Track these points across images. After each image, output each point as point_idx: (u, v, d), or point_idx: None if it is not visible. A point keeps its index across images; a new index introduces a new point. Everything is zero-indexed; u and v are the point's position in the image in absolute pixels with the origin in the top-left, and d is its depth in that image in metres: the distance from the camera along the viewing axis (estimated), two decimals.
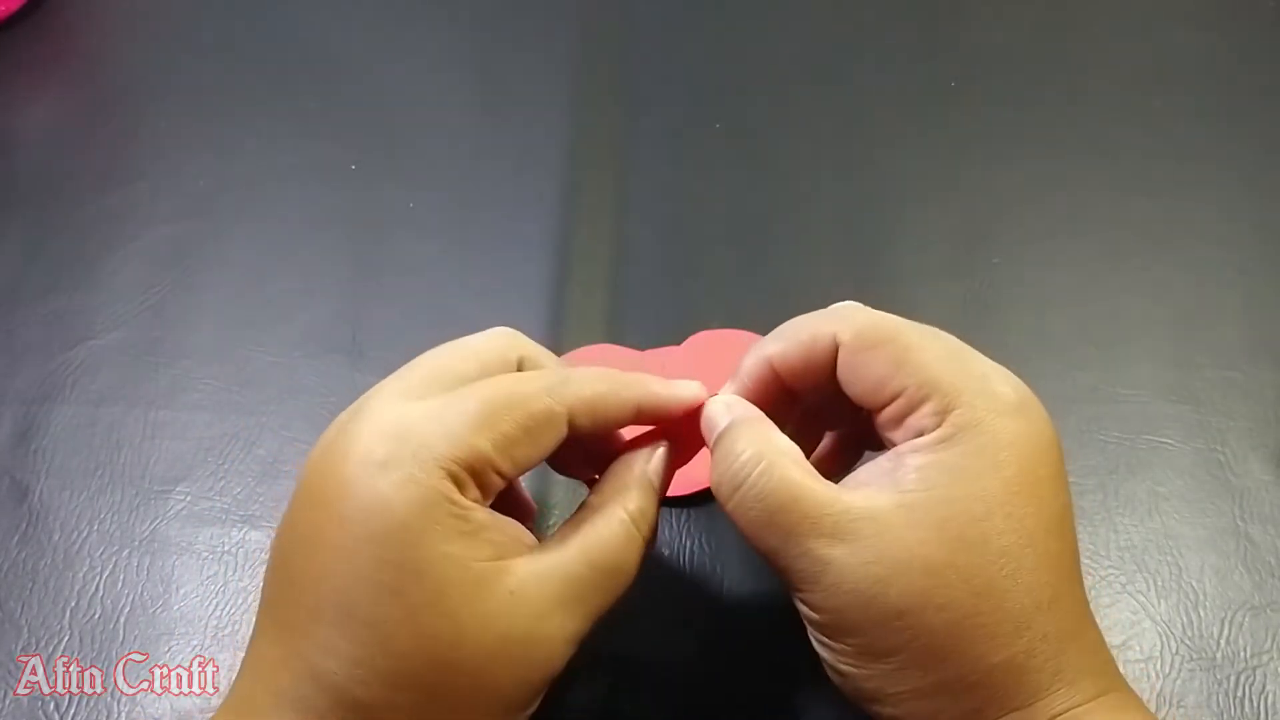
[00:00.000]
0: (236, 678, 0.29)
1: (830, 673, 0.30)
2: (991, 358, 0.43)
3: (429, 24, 0.54)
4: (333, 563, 0.27)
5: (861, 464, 0.31)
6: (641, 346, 0.42)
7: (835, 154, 0.49)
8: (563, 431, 0.29)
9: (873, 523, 0.27)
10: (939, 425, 0.28)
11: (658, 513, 0.31)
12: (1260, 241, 0.46)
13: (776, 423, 0.31)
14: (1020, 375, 0.42)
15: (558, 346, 0.42)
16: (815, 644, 0.30)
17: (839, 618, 0.28)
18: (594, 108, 0.50)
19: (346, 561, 0.27)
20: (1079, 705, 0.27)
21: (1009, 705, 0.27)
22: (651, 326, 0.43)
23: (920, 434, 0.29)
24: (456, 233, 0.46)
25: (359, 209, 0.47)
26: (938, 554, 0.27)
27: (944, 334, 0.31)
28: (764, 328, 0.42)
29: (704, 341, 0.42)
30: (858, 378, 0.30)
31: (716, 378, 0.34)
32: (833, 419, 0.35)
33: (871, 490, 0.28)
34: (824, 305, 0.44)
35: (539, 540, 0.30)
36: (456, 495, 0.27)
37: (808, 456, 0.30)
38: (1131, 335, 0.43)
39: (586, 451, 0.33)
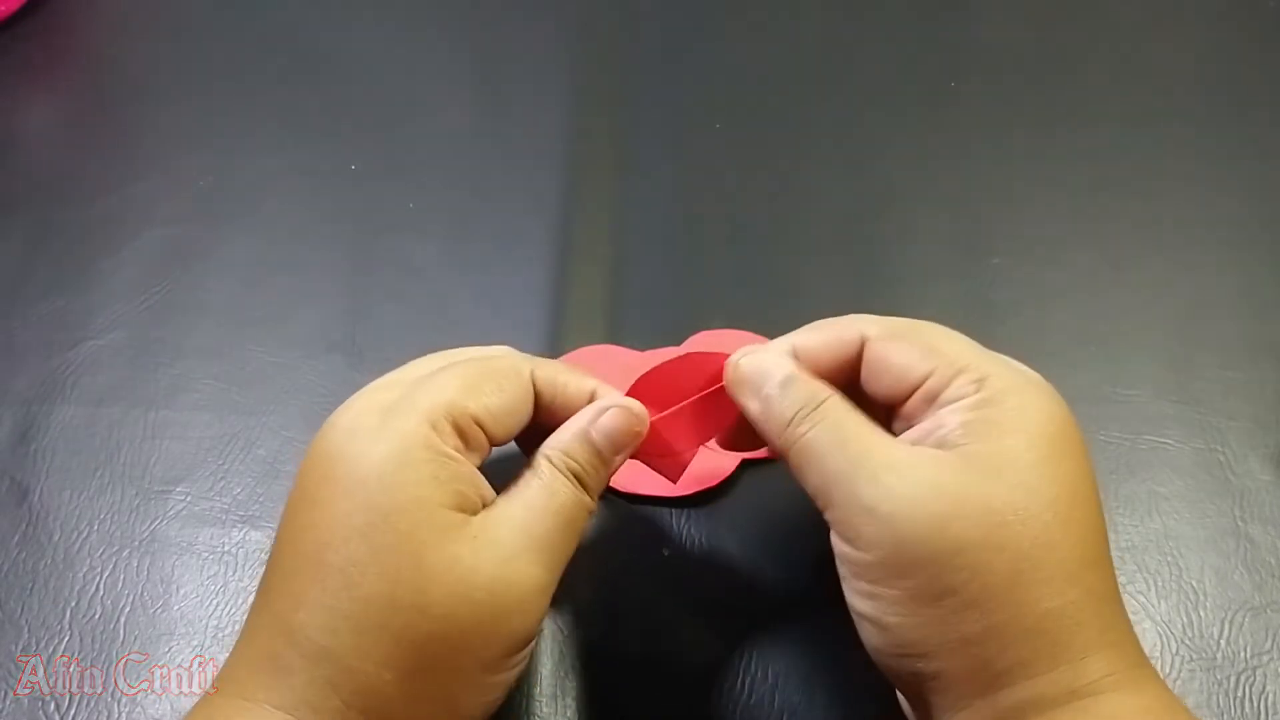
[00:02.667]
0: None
1: (869, 631, 0.29)
2: None
3: (429, 24, 0.54)
4: (314, 518, 0.28)
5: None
6: (641, 347, 0.42)
7: (835, 154, 0.49)
8: (529, 384, 0.31)
9: (934, 463, 0.28)
10: (977, 391, 0.29)
11: (596, 468, 0.31)
12: (1260, 241, 0.46)
13: None
14: None
15: (558, 346, 0.42)
16: (857, 598, 0.29)
17: (894, 555, 0.28)
18: (594, 108, 0.50)
19: (326, 513, 0.28)
20: (1125, 671, 0.27)
21: (1059, 659, 0.27)
22: (651, 326, 0.43)
23: (958, 401, 0.29)
24: (456, 233, 0.46)
25: (359, 209, 0.47)
26: (997, 496, 0.27)
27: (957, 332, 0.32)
28: (764, 328, 0.42)
29: (704, 341, 0.42)
30: (887, 365, 0.31)
31: None
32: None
33: (926, 444, 0.29)
34: (824, 306, 0.44)
35: None
36: (435, 440, 0.28)
37: None
38: (1131, 335, 0.43)
39: None
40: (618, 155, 0.49)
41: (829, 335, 0.32)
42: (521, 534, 0.29)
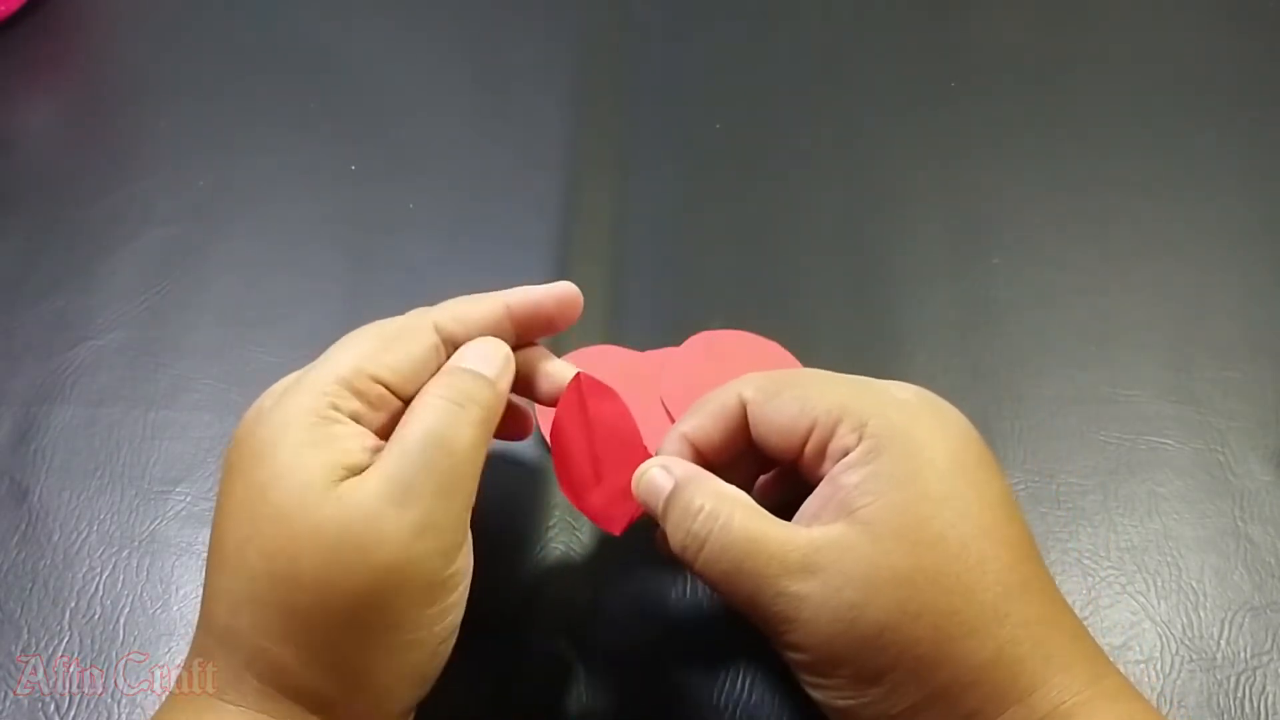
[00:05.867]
0: None
1: (830, 711, 0.30)
2: (991, 358, 0.43)
3: (429, 24, 0.54)
4: (220, 505, 0.29)
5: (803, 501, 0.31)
6: (641, 346, 0.42)
7: (835, 154, 0.49)
8: (431, 335, 0.31)
9: (835, 548, 0.28)
10: (860, 441, 0.29)
11: (476, 382, 0.30)
12: (1260, 241, 0.46)
13: None
14: (1020, 375, 0.42)
15: (558, 347, 0.42)
16: (807, 688, 0.30)
17: (824, 652, 0.28)
18: (594, 108, 0.50)
19: (227, 500, 0.28)
20: (1078, 695, 0.27)
21: (1007, 701, 0.27)
22: (651, 326, 0.43)
23: (845, 453, 0.29)
24: (456, 233, 0.46)
25: (359, 209, 0.47)
26: (902, 562, 0.27)
27: (835, 373, 0.32)
28: (764, 328, 0.42)
29: (704, 341, 0.42)
30: (771, 425, 0.31)
31: (716, 378, 0.34)
32: (760, 471, 0.35)
33: (824, 519, 0.29)
34: (824, 306, 0.44)
35: None
36: (320, 405, 0.28)
37: None
38: (1131, 335, 0.43)
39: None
40: (618, 155, 0.49)
41: (713, 410, 0.32)
42: (388, 480, 0.27)
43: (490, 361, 0.31)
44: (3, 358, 0.43)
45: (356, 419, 0.29)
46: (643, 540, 0.38)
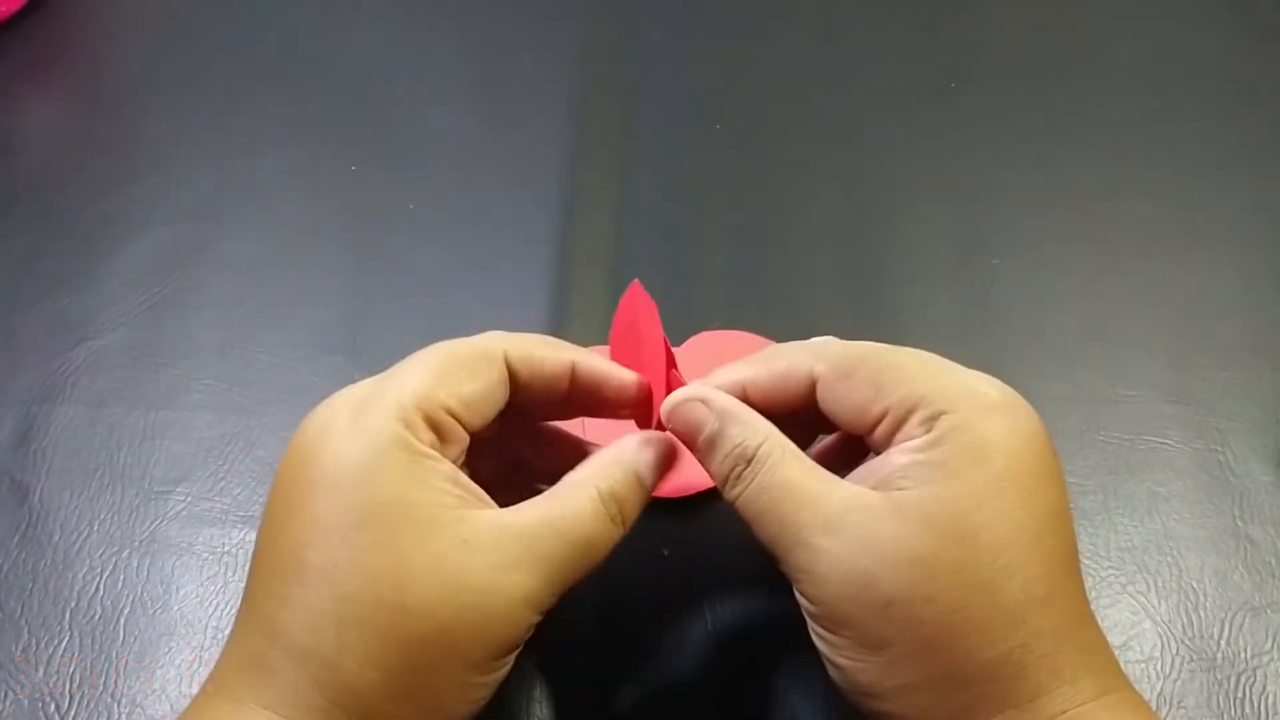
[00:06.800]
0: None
1: (829, 668, 0.30)
2: (991, 358, 0.43)
3: (430, 25, 0.54)
4: (292, 520, 0.28)
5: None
6: None
7: (835, 154, 0.49)
8: (502, 368, 0.30)
9: (862, 514, 0.28)
10: (928, 433, 0.29)
11: (638, 500, 0.31)
12: (1260, 242, 0.46)
13: None
14: (1020, 375, 0.42)
15: None
16: (814, 638, 0.30)
17: (833, 609, 0.28)
18: (594, 108, 0.50)
19: (304, 515, 0.28)
20: (1079, 705, 0.27)
21: (1005, 703, 0.27)
22: None
23: (910, 439, 0.29)
24: (456, 234, 0.46)
25: (359, 210, 0.47)
26: (925, 547, 0.27)
27: (918, 350, 0.31)
28: (764, 328, 0.42)
29: (704, 341, 0.42)
30: (841, 407, 0.31)
31: None
32: (817, 431, 0.35)
33: (863, 487, 0.29)
34: (824, 306, 0.44)
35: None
36: (410, 439, 0.28)
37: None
38: (1131, 335, 0.43)
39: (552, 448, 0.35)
40: (618, 155, 0.49)
41: (778, 373, 0.32)
42: (524, 546, 0.28)
43: (653, 472, 0.32)
44: (3, 358, 0.43)
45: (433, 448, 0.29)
46: (642, 541, 0.38)
